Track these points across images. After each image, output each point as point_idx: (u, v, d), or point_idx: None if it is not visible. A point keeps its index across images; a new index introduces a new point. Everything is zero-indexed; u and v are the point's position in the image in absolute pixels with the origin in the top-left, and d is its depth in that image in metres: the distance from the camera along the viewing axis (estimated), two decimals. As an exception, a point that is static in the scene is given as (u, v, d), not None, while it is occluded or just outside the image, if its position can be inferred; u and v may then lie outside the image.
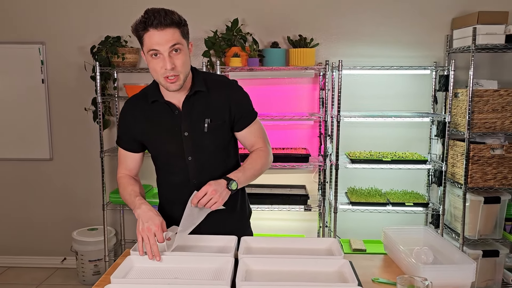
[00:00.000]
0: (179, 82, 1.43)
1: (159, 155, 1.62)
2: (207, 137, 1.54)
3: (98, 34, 3.19)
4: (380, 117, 2.95)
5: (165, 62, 1.38)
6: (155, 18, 1.35)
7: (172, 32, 1.38)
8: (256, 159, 1.58)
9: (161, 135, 1.55)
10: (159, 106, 1.54)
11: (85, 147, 3.38)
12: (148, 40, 1.38)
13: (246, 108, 1.59)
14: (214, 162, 1.58)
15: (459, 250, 1.44)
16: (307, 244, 1.57)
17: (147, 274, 1.36)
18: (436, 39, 3.14)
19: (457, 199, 2.98)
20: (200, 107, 1.52)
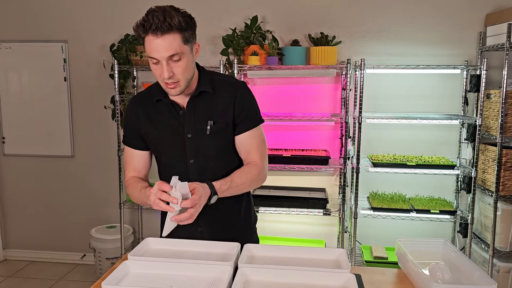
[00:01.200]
0: (179, 88, 1.38)
1: (160, 156, 1.56)
2: (209, 140, 1.47)
3: (119, 33, 3.20)
4: (404, 119, 2.80)
5: (163, 71, 1.32)
6: (153, 23, 1.27)
7: (171, 40, 1.29)
8: (247, 174, 1.47)
9: (164, 136, 1.50)
10: (163, 105, 1.48)
11: (105, 145, 3.40)
12: (148, 45, 1.32)
13: (250, 111, 1.50)
14: (215, 167, 1.51)
15: (480, 269, 1.31)
16: (314, 255, 1.48)
17: (142, 281, 1.30)
18: (467, 36, 2.96)
19: (487, 208, 2.79)
20: (204, 108, 1.46)
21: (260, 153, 1.51)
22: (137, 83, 3.25)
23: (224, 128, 1.47)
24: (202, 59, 3.22)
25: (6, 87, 3.44)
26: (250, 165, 1.49)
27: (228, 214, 1.56)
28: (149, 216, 3.43)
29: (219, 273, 1.31)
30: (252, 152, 1.50)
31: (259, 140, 1.51)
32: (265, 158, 1.53)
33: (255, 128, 1.50)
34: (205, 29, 3.19)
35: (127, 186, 1.56)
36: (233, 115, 1.47)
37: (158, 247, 1.53)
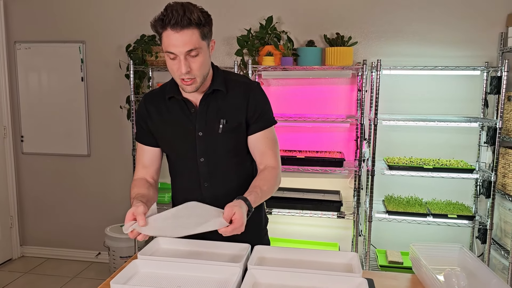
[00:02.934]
0: (196, 84, 1.37)
1: (171, 153, 1.55)
2: (221, 139, 1.45)
3: (136, 33, 3.22)
4: (422, 121, 2.74)
5: (181, 66, 1.32)
6: (173, 17, 1.26)
7: (190, 34, 1.29)
8: (270, 181, 1.43)
9: (175, 133, 1.49)
10: (176, 103, 1.48)
11: (120, 144, 3.43)
12: (166, 40, 1.31)
13: (263, 111, 1.48)
14: (227, 166, 1.50)
15: (497, 276, 1.26)
16: (325, 258, 1.45)
17: (150, 281, 1.30)
18: (488, 37, 2.88)
19: (507, 213, 2.71)
20: (217, 107, 1.45)
21: (275, 154, 1.49)
22: (152, 83, 3.27)
23: (236, 127, 1.45)
24: (217, 59, 3.21)
25: (26, 86, 3.50)
26: (268, 169, 1.46)
27: None
28: (163, 216, 3.44)
29: (228, 275, 1.30)
30: (267, 153, 1.48)
31: (272, 141, 1.49)
32: (279, 159, 1.51)
33: (268, 129, 1.48)
34: (220, 30, 3.18)
35: (132, 186, 1.52)
36: (246, 115, 1.45)
37: (168, 247, 1.52)
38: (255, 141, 1.48)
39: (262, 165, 1.49)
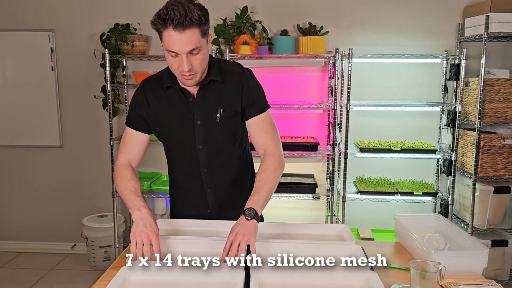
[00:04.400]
0: (195, 79, 1.42)
1: (170, 141, 1.60)
2: (219, 127, 1.51)
3: (108, 22, 3.20)
4: (390, 106, 2.94)
5: (183, 64, 1.35)
6: (175, 18, 1.28)
7: (191, 34, 1.31)
8: (267, 172, 1.47)
9: (174, 122, 1.53)
10: (173, 92, 1.51)
11: (95, 134, 3.40)
12: (167, 39, 1.32)
13: (258, 97, 1.54)
14: (224, 152, 1.57)
15: (471, 237, 1.44)
16: (319, 230, 1.58)
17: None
18: (447, 27, 3.11)
19: (466, 189, 2.97)
20: (214, 97, 1.50)
21: (272, 136, 1.54)
22: (127, 72, 3.27)
23: (233, 116, 1.51)
24: (192, 48, 3.25)
25: (-9, 77, 3.39)
26: (266, 159, 1.50)
27: (234, 195, 1.62)
28: (140, 205, 3.46)
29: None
30: (264, 137, 1.53)
31: (269, 124, 1.55)
32: (279, 142, 1.56)
33: (263, 113, 1.54)
34: (195, 19, 3.23)
35: (119, 172, 1.53)
36: (241, 102, 1.51)
37: None
38: (252, 125, 1.54)
39: (261, 149, 1.54)
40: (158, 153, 3.34)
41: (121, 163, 1.55)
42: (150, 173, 3.36)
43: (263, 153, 1.54)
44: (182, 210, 1.67)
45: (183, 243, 1.42)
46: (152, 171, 3.38)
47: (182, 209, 1.67)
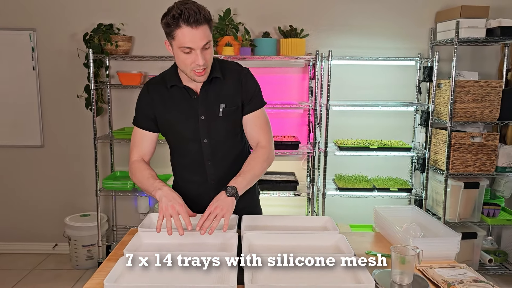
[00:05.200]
0: (206, 74, 1.51)
1: (175, 137, 1.67)
2: (222, 121, 1.60)
3: (90, 22, 3.21)
4: (367, 106, 3.07)
5: (198, 58, 1.43)
6: (191, 16, 1.38)
7: (204, 29, 1.42)
8: (256, 161, 1.59)
9: (179, 119, 1.61)
10: (177, 90, 1.60)
11: (77, 134, 3.41)
12: (182, 36, 1.40)
13: (255, 94, 1.64)
14: (227, 145, 1.65)
15: (444, 226, 1.56)
16: (304, 222, 1.67)
17: (154, 249, 1.42)
18: (421, 31, 3.27)
19: (438, 185, 3.13)
20: (216, 93, 1.59)
21: (266, 132, 1.65)
22: (110, 72, 3.29)
23: (235, 110, 1.61)
24: (175, 49, 3.31)
25: (-31, 75, 3.35)
26: (258, 150, 1.62)
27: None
28: (123, 204, 3.49)
29: (226, 239, 1.47)
30: (258, 132, 1.64)
31: (264, 120, 1.65)
32: (271, 138, 1.67)
33: (259, 110, 1.64)
34: (178, 20, 3.28)
35: (133, 169, 1.64)
36: (240, 98, 1.61)
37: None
38: (247, 122, 1.64)
39: (254, 143, 1.66)
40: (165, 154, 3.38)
41: (134, 160, 1.66)
42: (135, 172, 3.39)
43: (256, 146, 1.65)
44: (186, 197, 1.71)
45: (174, 235, 1.48)
46: (160, 173, 3.40)
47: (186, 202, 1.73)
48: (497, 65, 3.31)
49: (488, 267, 3.21)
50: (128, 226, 3.42)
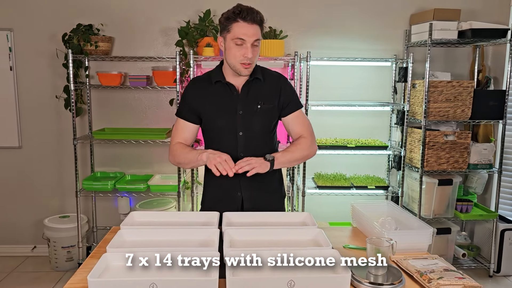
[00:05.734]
0: (250, 69, 1.70)
1: (213, 128, 1.80)
2: (258, 116, 1.76)
3: (69, 22, 3.19)
4: (345, 106, 3.15)
5: (247, 51, 1.64)
6: (248, 14, 1.63)
7: (257, 28, 1.66)
8: (297, 145, 1.78)
9: (219, 111, 1.77)
10: (220, 86, 1.77)
11: (56, 134, 3.38)
12: (238, 29, 1.63)
13: (293, 97, 1.82)
14: (260, 140, 1.79)
15: (418, 219, 1.63)
16: (284, 218, 1.71)
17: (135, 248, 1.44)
18: (396, 33, 3.37)
19: (414, 182, 3.23)
20: (256, 92, 1.77)
21: (307, 128, 1.83)
22: (89, 72, 3.27)
23: (271, 108, 1.77)
24: (155, 49, 3.32)
25: None
26: (300, 138, 1.80)
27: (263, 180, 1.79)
28: (103, 204, 3.47)
29: (207, 235, 1.50)
30: (300, 130, 1.82)
31: (304, 120, 1.85)
32: (313, 133, 1.84)
33: (298, 111, 1.82)
34: (158, 21, 3.30)
35: (174, 150, 1.80)
36: (278, 100, 1.78)
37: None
38: (290, 120, 1.81)
39: (297, 136, 1.82)
40: (121, 153, 3.39)
41: (175, 143, 1.82)
42: (114, 173, 3.38)
43: (298, 137, 1.81)
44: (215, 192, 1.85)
45: (156, 233, 1.51)
46: (116, 171, 3.41)
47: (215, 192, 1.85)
48: (468, 66, 3.43)
49: (462, 261, 3.32)
50: (108, 227, 3.40)
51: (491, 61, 3.44)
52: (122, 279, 1.24)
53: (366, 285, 1.27)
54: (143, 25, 3.30)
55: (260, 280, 1.21)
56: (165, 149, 3.39)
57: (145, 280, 1.18)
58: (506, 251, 3.24)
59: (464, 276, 1.32)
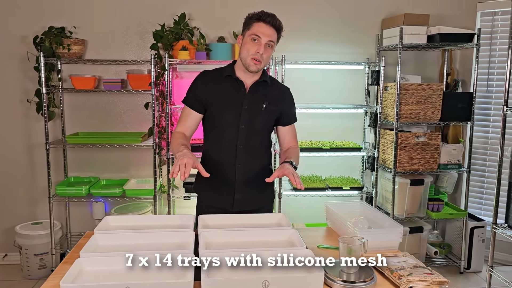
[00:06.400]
0: (259, 66, 1.81)
1: (217, 119, 1.88)
2: (262, 114, 1.87)
3: (40, 25, 3.14)
4: (319, 109, 3.20)
5: (260, 47, 1.77)
6: (269, 17, 1.81)
7: (273, 31, 1.81)
8: (296, 154, 1.93)
9: (225, 103, 1.86)
10: (230, 81, 1.87)
11: (28, 139, 3.31)
12: (257, 27, 1.79)
13: (292, 110, 1.98)
14: (259, 136, 1.91)
15: (390, 218, 1.68)
16: (259, 220, 1.73)
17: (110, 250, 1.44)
18: (368, 37, 3.45)
19: (387, 183, 3.30)
20: (262, 93, 1.89)
21: (296, 141, 2.02)
22: (62, 76, 3.22)
23: (274, 111, 1.90)
24: (129, 52, 3.30)
25: None
26: (293, 148, 1.96)
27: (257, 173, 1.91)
28: (77, 210, 3.42)
29: (183, 238, 1.51)
30: (292, 141, 1.99)
31: (295, 132, 2.03)
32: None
33: (293, 124, 2.00)
34: (132, 24, 3.27)
35: (174, 137, 1.88)
36: (281, 107, 1.92)
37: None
38: (286, 131, 1.98)
39: (287, 145, 1.98)
40: (96, 157, 3.35)
41: (177, 130, 1.91)
42: (88, 177, 3.33)
43: (288, 147, 1.97)
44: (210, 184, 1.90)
45: (131, 237, 1.50)
46: (90, 175, 3.36)
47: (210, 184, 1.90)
48: (438, 69, 3.54)
49: (434, 259, 3.41)
50: (83, 232, 3.33)
51: (459, 64, 3.55)
52: (96, 284, 1.23)
53: (339, 283, 1.30)
54: (117, 28, 3.27)
55: (235, 281, 1.22)
56: (141, 153, 3.36)
57: (119, 284, 1.18)
58: (476, 248, 3.34)
59: (433, 272, 1.37)
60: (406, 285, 1.29)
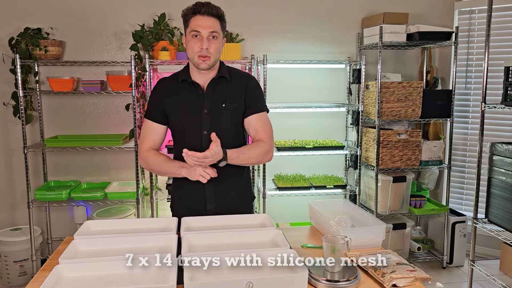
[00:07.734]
0: (209, 62, 1.68)
1: (178, 127, 1.80)
2: (223, 115, 1.75)
3: (16, 26, 3.07)
4: (302, 108, 3.20)
5: (203, 42, 1.65)
6: (203, 6, 1.65)
7: (214, 21, 1.66)
8: (255, 149, 1.76)
9: (184, 110, 1.76)
10: (187, 85, 1.77)
11: (5, 143, 3.23)
12: (194, 22, 1.65)
13: (258, 98, 1.81)
14: (225, 140, 1.71)
15: (373, 216, 1.68)
16: (242, 221, 1.71)
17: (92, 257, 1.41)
18: (349, 36, 3.47)
19: (370, 180, 3.33)
20: (221, 91, 1.76)
21: (267, 133, 1.80)
22: (39, 78, 3.15)
23: (237, 108, 1.76)
24: (108, 53, 3.25)
25: None
26: (259, 142, 1.78)
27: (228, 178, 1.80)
28: (57, 215, 3.35)
29: (166, 242, 1.48)
30: (260, 132, 1.79)
31: (266, 123, 1.82)
32: (272, 139, 1.83)
33: (262, 113, 1.80)
34: (111, 25, 3.22)
35: (146, 156, 1.79)
36: (244, 100, 1.77)
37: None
38: (250, 121, 1.79)
39: (256, 139, 1.80)
40: (76, 160, 3.29)
41: (145, 149, 1.81)
42: (69, 181, 3.27)
43: (257, 141, 1.79)
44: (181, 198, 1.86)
45: (112, 241, 1.48)
46: (71, 179, 3.29)
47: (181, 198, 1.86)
48: (418, 67, 3.59)
49: (417, 255, 3.45)
50: (64, 238, 3.27)
51: (438, 62, 3.61)
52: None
53: (323, 282, 1.29)
54: (95, 29, 3.21)
55: (218, 283, 1.21)
56: (122, 155, 3.31)
57: None
58: (458, 243, 3.39)
59: (416, 268, 1.38)
60: (390, 282, 1.30)
